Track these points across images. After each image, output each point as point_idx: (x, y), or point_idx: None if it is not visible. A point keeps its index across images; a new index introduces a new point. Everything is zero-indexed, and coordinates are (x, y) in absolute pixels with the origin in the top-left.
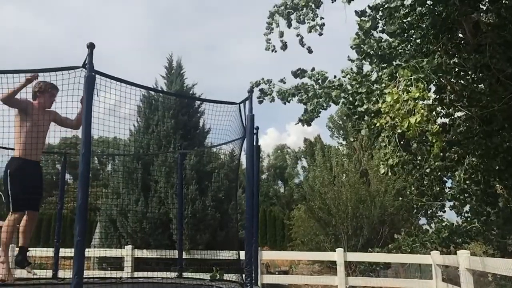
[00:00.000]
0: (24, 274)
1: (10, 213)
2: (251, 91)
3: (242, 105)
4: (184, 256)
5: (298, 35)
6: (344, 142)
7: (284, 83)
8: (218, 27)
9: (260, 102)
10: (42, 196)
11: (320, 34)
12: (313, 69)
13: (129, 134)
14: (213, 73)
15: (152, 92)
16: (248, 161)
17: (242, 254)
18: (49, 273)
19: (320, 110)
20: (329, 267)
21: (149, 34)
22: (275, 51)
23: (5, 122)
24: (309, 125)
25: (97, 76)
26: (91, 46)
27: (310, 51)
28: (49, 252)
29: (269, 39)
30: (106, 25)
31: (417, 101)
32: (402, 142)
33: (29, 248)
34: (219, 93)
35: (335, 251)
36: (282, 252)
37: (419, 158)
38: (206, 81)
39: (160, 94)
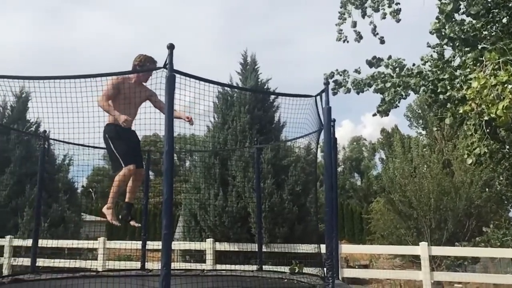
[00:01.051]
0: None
1: (123, 168)
2: (327, 83)
3: (318, 97)
4: (263, 250)
5: (371, 23)
6: (424, 132)
7: (359, 73)
8: (289, 21)
9: (335, 93)
10: (142, 157)
11: (398, 21)
12: (389, 57)
13: (207, 131)
14: (286, 67)
15: (228, 89)
16: (327, 154)
17: (322, 248)
18: (136, 265)
19: (399, 99)
20: (411, 262)
21: (222, 32)
22: (347, 42)
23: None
24: (386, 115)
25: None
26: (171, 47)
27: (382, 41)
28: (135, 244)
29: (341, 30)
30: (180, 26)
31: (506, 85)
32: (489, 130)
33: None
34: (292, 87)
35: (417, 245)
36: (362, 246)
37: (508, 146)
38: (280, 75)
39: (236, 90)
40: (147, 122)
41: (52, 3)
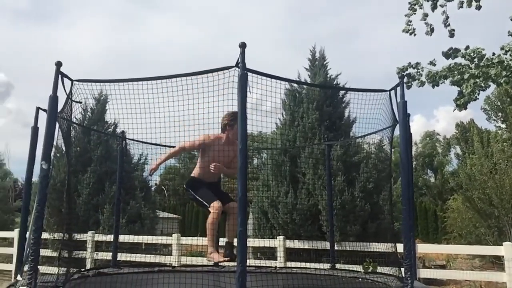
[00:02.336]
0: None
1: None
2: (402, 77)
3: (392, 92)
4: (335, 248)
5: (443, 12)
6: (503, 126)
7: (434, 65)
8: (356, 14)
9: (409, 87)
10: (228, 194)
11: (478, 8)
12: (467, 47)
13: (275, 128)
14: (355, 61)
15: (296, 85)
16: (403, 150)
17: (397, 247)
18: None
19: (478, 91)
20: (492, 263)
21: (288, 29)
22: (414, 34)
23: None
24: (465, 109)
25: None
26: (242, 46)
27: (452, 34)
28: (205, 241)
29: (410, 21)
30: (246, 25)
31: None
32: None
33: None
34: (362, 81)
35: (500, 245)
36: (439, 246)
37: None
38: (349, 69)
39: (304, 86)
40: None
41: (126, 9)
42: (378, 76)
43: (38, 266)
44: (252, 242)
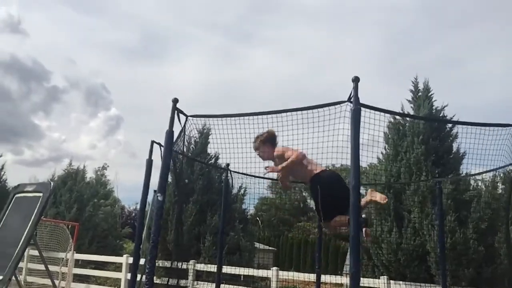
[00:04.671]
0: None
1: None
2: None
3: None
4: None
5: None
6: None
7: None
8: (460, 40)
9: None
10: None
11: None
12: None
13: (377, 162)
14: (461, 90)
15: (399, 118)
16: None
17: None
18: None
19: None
20: None
21: (387, 60)
22: None
23: None
24: None
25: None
26: (355, 80)
27: None
28: (307, 276)
29: None
30: (342, 57)
31: None
32: None
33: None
34: (472, 112)
35: None
36: None
37: None
38: (455, 100)
39: (407, 119)
40: (325, 151)
41: (227, 46)
42: (487, 106)
43: None
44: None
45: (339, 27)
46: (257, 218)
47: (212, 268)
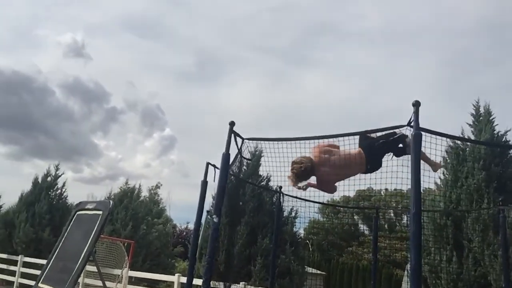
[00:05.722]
0: None
1: None
2: None
3: None
4: None
5: None
6: None
7: None
8: None
9: None
10: None
11: None
12: None
13: (435, 188)
14: None
15: (459, 143)
16: None
17: None
18: None
19: None
20: None
21: (445, 82)
22: None
23: None
24: None
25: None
26: (416, 104)
27: None
28: None
29: None
30: (397, 80)
31: None
32: None
33: None
34: None
35: None
36: None
37: None
38: None
39: (468, 144)
40: (379, 176)
41: (277, 68)
42: None
43: None
44: None
45: (394, 49)
46: (307, 241)
47: None
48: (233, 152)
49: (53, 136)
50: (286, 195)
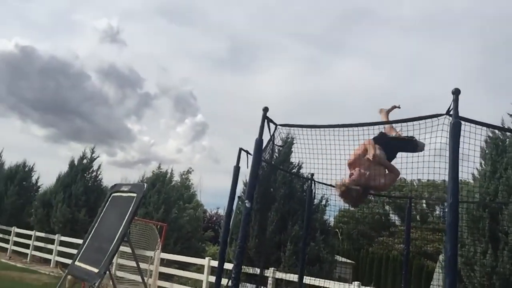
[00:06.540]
0: None
1: None
2: None
3: None
4: None
5: None
6: None
7: None
8: None
9: None
10: None
11: None
12: None
13: (471, 179)
14: None
15: (498, 133)
16: None
17: None
18: None
19: None
20: None
21: (485, 70)
22: None
23: None
24: None
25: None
26: (456, 92)
27: None
28: None
29: None
30: (434, 68)
31: None
32: None
33: None
34: None
35: None
36: None
37: None
38: None
39: (508, 134)
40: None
41: (311, 55)
42: None
43: None
44: None
45: (432, 36)
46: (337, 230)
47: (292, 277)
48: (265, 139)
49: (88, 120)
50: (318, 182)
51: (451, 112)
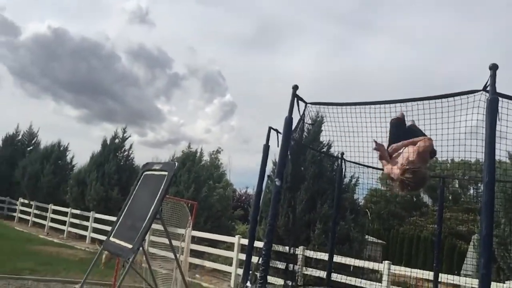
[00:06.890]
0: None
1: None
2: None
3: None
4: None
5: None
6: None
7: None
8: None
9: None
10: None
11: None
12: None
13: (508, 158)
14: None
15: None
16: None
17: None
18: None
19: None
20: None
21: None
22: None
23: None
24: None
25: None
26: (493, 68)
27: None
28: (420, 274)
29: None
30: (470, 45)
31: None
32: None
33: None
34: None
35: None
36: None
37: None
38: None
39: None
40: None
41: (340, 34)
42: None
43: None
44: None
45: (464, 12)
46: (366, 210)
47: (322, 255)
48: (294, 118)
49: (119, 100)
50: (348, 161)
51: (488, 88)
